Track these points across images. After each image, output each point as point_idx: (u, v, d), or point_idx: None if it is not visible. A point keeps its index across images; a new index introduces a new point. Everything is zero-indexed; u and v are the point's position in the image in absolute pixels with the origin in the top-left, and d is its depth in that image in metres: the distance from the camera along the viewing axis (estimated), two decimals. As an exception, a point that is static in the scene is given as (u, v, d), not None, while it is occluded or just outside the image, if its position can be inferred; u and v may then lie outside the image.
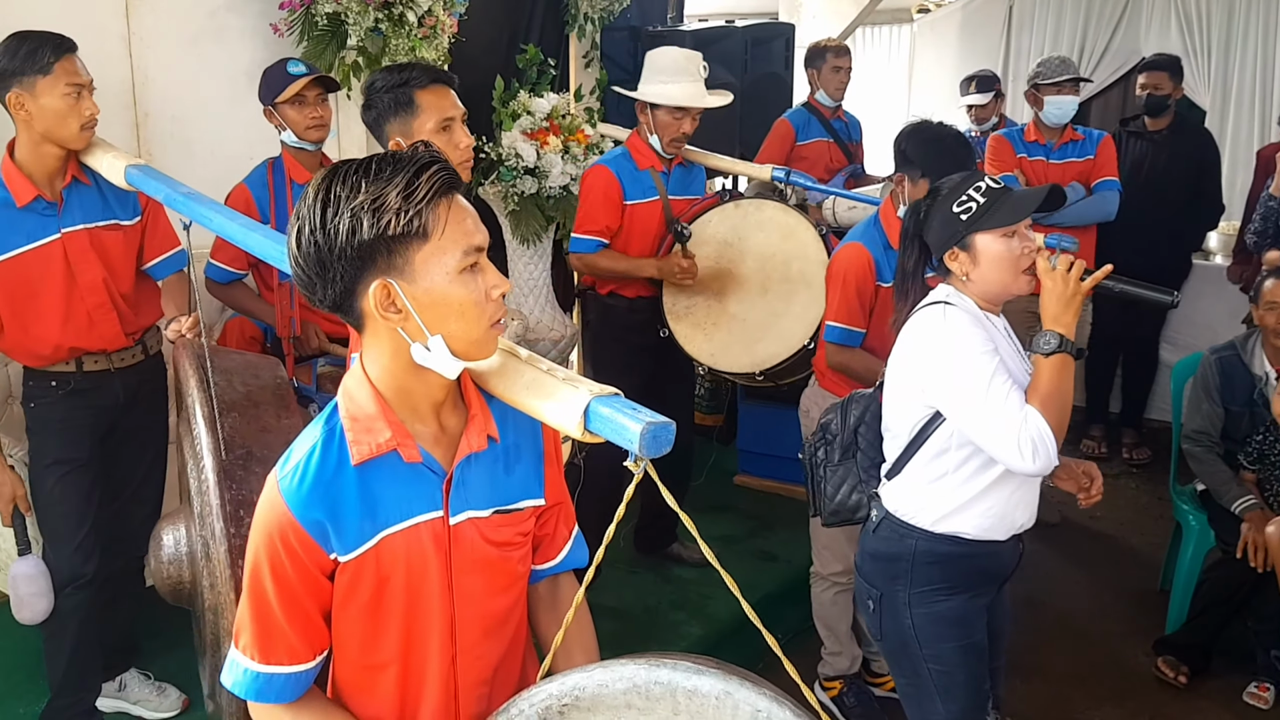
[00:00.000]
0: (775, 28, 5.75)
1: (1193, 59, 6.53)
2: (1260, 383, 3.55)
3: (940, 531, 2.26)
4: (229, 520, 1.94)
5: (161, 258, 2.91)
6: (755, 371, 3.63)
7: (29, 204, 2.64)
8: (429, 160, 1.30)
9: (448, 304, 1.32)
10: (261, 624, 1.41)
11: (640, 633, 3.49)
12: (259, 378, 2.28)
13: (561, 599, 1.64)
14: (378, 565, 1.41)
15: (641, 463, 1.23)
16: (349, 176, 1.29)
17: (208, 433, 2.03)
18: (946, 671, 2.31)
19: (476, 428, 1.44)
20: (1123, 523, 4.70)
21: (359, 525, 1.39)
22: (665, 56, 3.54)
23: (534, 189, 4.00)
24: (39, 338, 2.72)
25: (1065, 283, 2.11)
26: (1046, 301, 2.13)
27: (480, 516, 1.46)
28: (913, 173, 2.85)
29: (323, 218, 1.29)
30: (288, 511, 1.37)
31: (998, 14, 7.47)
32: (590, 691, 1.21)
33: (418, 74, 2.35)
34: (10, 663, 3.21)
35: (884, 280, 2.97)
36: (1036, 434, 2.05)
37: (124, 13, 3.52)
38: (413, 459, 1.39)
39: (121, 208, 2.79)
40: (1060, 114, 4.40)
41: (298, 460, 1.39)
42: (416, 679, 1.48)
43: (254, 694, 1.42)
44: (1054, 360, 2.09)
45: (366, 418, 1.38)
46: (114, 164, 2.60)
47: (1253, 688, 3.46)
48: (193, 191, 2.37)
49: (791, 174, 3.95)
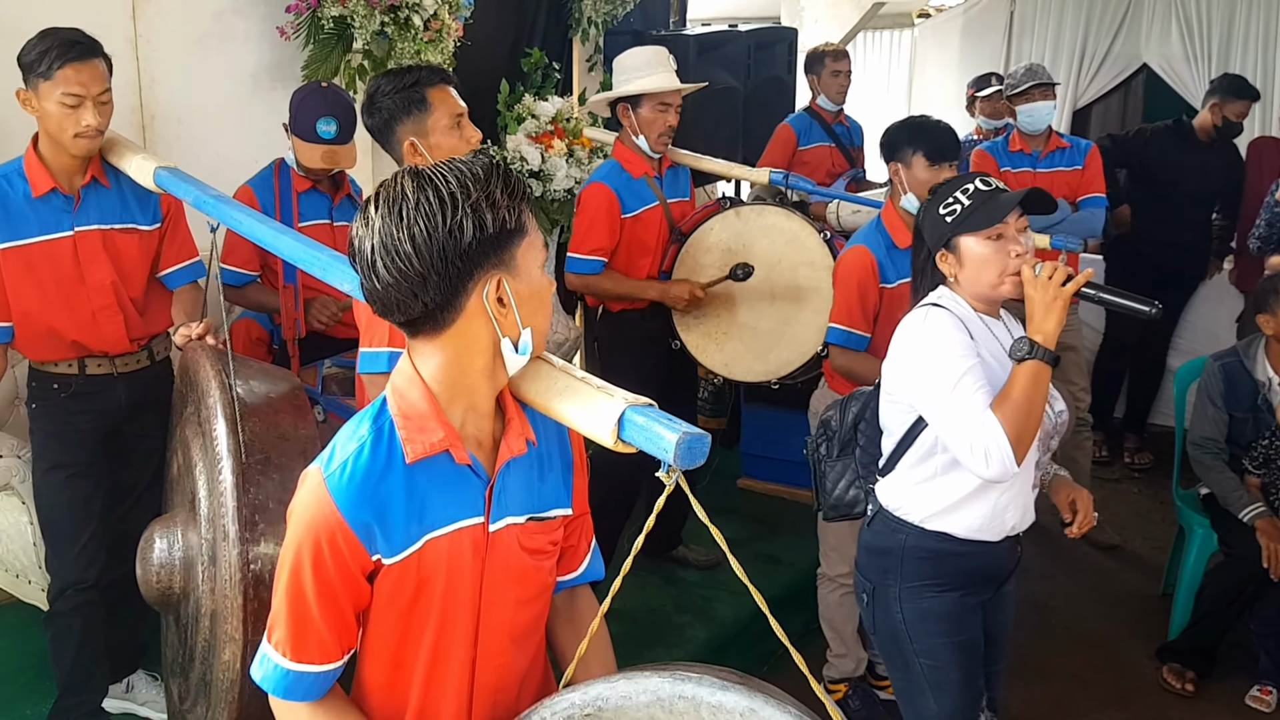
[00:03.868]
0: (777, 32, 5.76)
1: (1193, 64, 6.55)
2: (1264, 388, 3.56)
3: (931, 529, 2.28)
4: (244, 524, 1.93)
5: (177, 267, 2.87)
6: (770, 380, 3.64)
7: (44, 195, 2.62)
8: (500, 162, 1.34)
9: (541, 296, 1.38)
10: (297, 621, 1.40)
11: (644, 635, 3.48)
12: (277, 386, 2.27)
13: (579, 611, 1.64)
14: (419, 568, 1.40)
15: (674, 473, 1.21)
16: (445, 179, 1.30)
17: (229, 435, 2.00)
18: (938, 667, 2.32)
19: (515, 431, 1.44)
20: (1125, 527, 4.71)
21: (405, 528, 1.38)
22: (634, 56, 3.52)
23: (538, 192, 4.01)
24: (40, 327, 2.69)
25: (1045, 289, 2.11)
26: (1029, 309, 2.13)
27: (517, 523, 1.46)
28: (903, 154, 2.89)
29: (441, 219, 1.28)
30: (336, 511, 1.35)
31: (999, 19, 7.49)
32: (614, 703, 1.20)
33: (425, 74, 2.37)
34: (18, 664, 3.20)
35: (888, 281, 2.98)
36: (991, 440, 2.05)
37: (130, 15, 3.52)
38: (463, 460, 1.39)
39: (142, 212, 2.76)
40: (1033, 121, 4.40)
41: (345, 458, 1.37)
42: (439, 682, 1.48)
43: (283, 691, 1.42)
44: (1026, 367, 2.09)
45: (419, 416, 1.37)
46: (143, 165, 2.59)
47: (1255, 691, 3.47)
48: (222, 194, 2.38)
49: (790, 177, 3.94)
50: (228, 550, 1.93)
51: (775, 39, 5.53)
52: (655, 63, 3.47)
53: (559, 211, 4.10)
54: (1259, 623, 3.51)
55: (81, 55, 2.53)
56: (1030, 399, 2.08)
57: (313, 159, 3.07)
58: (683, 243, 3.63)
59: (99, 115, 2.57)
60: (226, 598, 1.93)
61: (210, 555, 2.01)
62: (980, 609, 2.36)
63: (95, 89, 2.56)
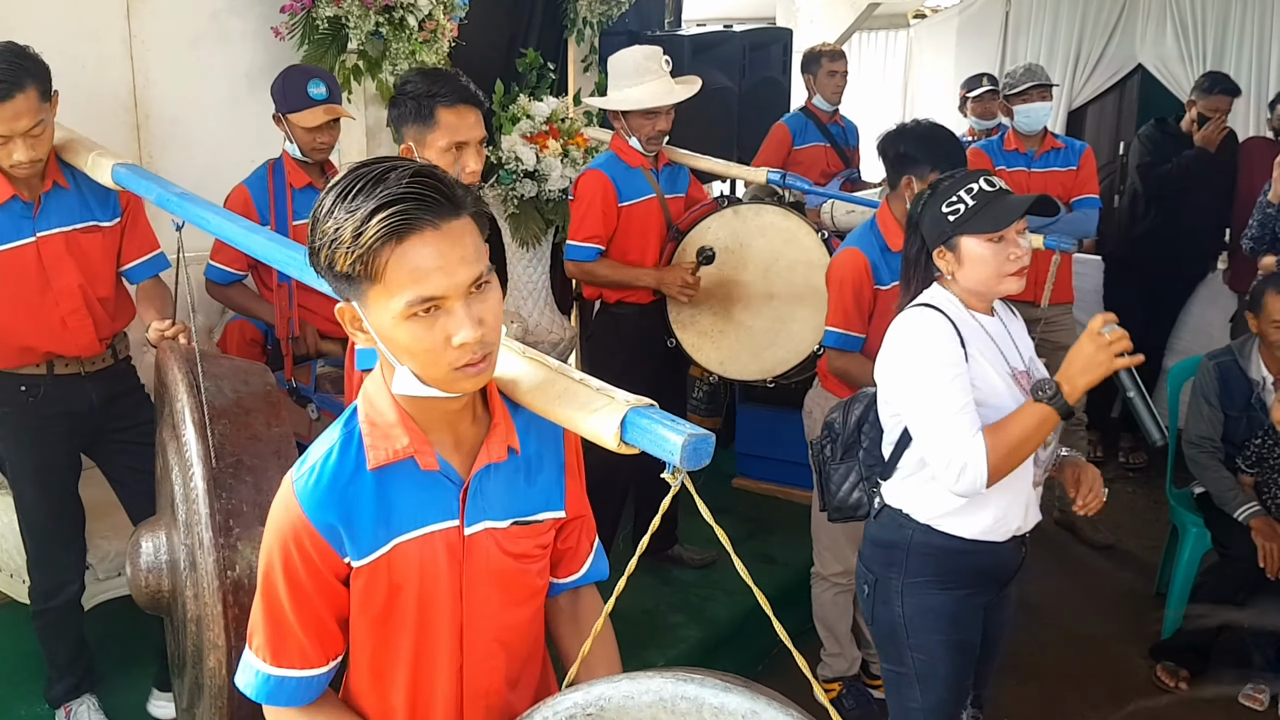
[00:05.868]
0: (773, 33, 5.77)
1: (1187, 65, 6.56)
2: (1258, 387, 3.58)
3: (938, 529, 2.28)
4: (218, 530, 1.90)
5: (139, 261, 2.82)
6: (766, 379, 3.64)
7: (4, 204, 2.58)
8: (391, 200, 1.23)
9: (396, 345, 1.30)
10: (274, 626, 1.41)
11: (639, 636, 3.48)
12: (249, 384, 2.21)
13: (583, 611, 1.63)
14: (390, 572, 1.40)
15: (680, 475, 1.21)
16: (332, 196, 1.27)
17: (198, 440, 1.97)
18: (929, 663, 2.33)
19: (498, 438, 1.42)
20: (1120, 526, 4.72)
21: (373, 531, 1.38)
22: (625, 60, 3.48)
23: (533, 192, 4.01)
24: (11, 341, 2.66)
25: (1098, 350, 2.05)
26: (1073, 356, 2.08)
27: (498, 527, 1.44)
28: (920, 170, 2.85)
29: (310, 240, 1.30)
30: (301, 514, 1.36)
31: (994, 19, 7.49)
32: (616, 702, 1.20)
33: (448, 89, 2.33)
34: (12, 665, 3.20)
35: (882, 283, 2.98)
36: (971, 459, 2.06)
37: (125, 15, 3.52)
38: (429, 466, 1.38)
39: (101, 209, 2.72)
40: (1030, 121, 4.41)
41: (314, 462, 1.38)
42: (426, 686, 1.47)
43: (265, 696, 1.42)
44: (1037, 409, 2.08)
45: (385, 424, 1.37)
46: (100, 163, 2.53)
47: (1249, 689, 3.48)
48: (186, 192, 2.27)
49: (787, 177, 3.93)
50: (204, 557, 1.91)
51: (770, 39, 5.54)
52: (644, 70, 3.43)
53: (554, 212, 4.10)
54: (1252, 622, 3.52)
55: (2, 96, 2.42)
56: (1026, 439, 2.08)
57: (314, 119, 3.07)
58: (680, 240, 3.63)
59: (31, 149, 2.50)
60: (207, 604, 1.91)
61: (190, 561, 2.00)
62: (981, 611, 2.37)
63: (22, 125, 2.46)
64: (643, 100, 3.41)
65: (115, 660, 3.19)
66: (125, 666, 3.19)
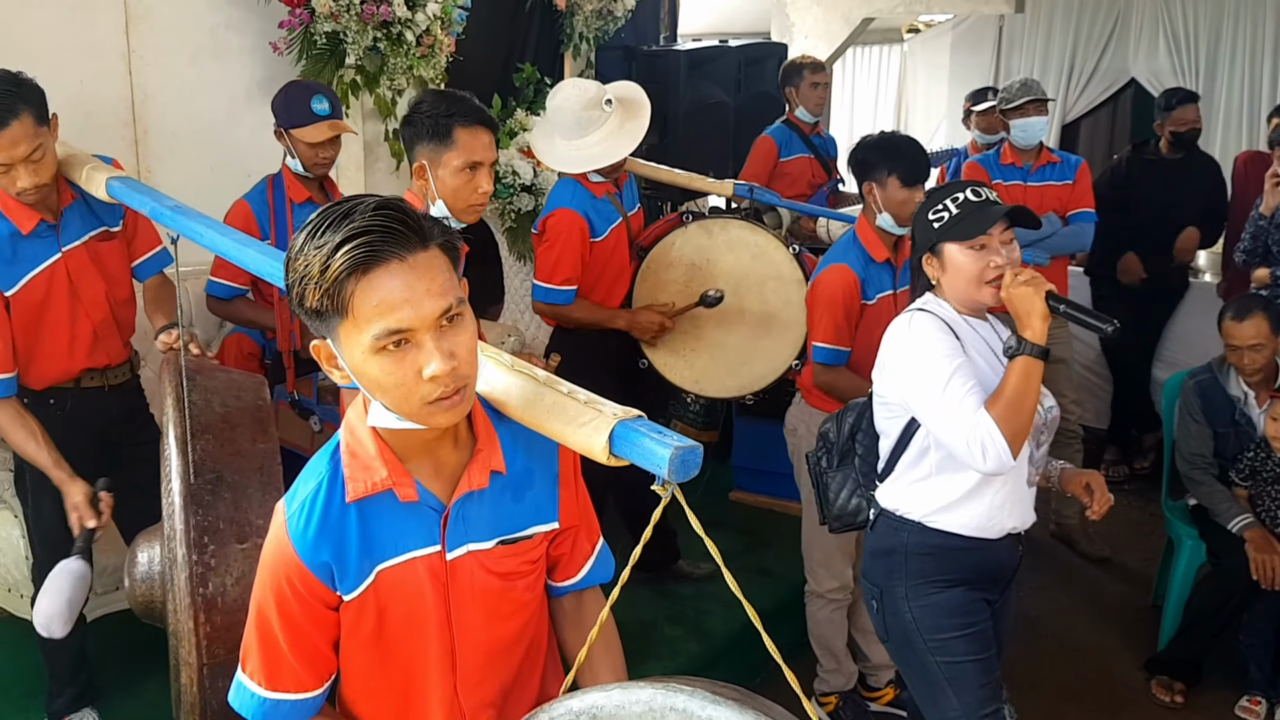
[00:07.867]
0: (768, 47, 5.80)
1: (1180, 78, 6.61)
2: (1239, 402, 3.61)
3: (932, 526, 2.31)
4: (192, 547, 1.89)
5: (144, 257, 2.87)
6: (744, 396, 3.61)
7: (34, 230, 2.61)
8: (355, 233, 1.22)
9: (369, 380, 1.29)
10: (268, 654, 1.42)
11: (636, 648, 3.48)
12: (240, 399, 2.20)
13: (586, 614, 1.64)
14: (376, 599, 1.41)
15: (669, 487, 1.21)
16: (304, 235, 1.26)
17: (178, 455, 1.96)
18: (953, 662, 2.33)
19: (480, 463, 1.41)
20: (1115, 539, 4.72)
21: (359, 563, 1.39)
22: (564, 113, 3.23)
23: (530, 206, 4.04)
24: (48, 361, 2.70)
25: (1019, 290, 2.16)
26: (1013, 309, 2.19)
27: (482, 549, 1.44)
28: (878, 175, 2.91)
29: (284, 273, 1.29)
30: (295, 557, 1.37)
31: (988, 34, 7.54)
32: (608, 711, 1.20)
33: (464, 110, 2.35)
34: (9, 679, 3.19)
35: (868, 299, 3.01)
36: (986, 435, 2.11)
37: (124, 29, 3.54)
38: (408, 499, 1.38)
39: (109, 214, 2.76)
40: (1027, 135, 4.43)
41: (304, 498, 1.39)
42: (419, 704, 1.48)
43: (261, 718, 1.43)
44: (1017, 363, 2.15)
45: (365, 455, 1.37)
46: (93, 176, 2.55)
47: (1245, 701, 3.49)
48: (180, 205, 2.26)
49: (755, 190, 3.85)
50: (178, 574, 1.90)
51: (765, 54, 5.58)
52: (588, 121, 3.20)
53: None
54: (1247, 634, 3.52)
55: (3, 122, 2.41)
56: (1022, 393, 2.13)
57: (318, 134, 3.08)
58: (642, 259, 3.53)
59: (34, 174, 2.50)
60: (180, 621, 1.91)
61: (171, 576, 1.99)
62: (987, 604, 2.38)
63: (20, 152, 2.45)
64: (603, 159, 3.23)
65: (115, 673, 3.18)
66: (125, 680, 3.18)
